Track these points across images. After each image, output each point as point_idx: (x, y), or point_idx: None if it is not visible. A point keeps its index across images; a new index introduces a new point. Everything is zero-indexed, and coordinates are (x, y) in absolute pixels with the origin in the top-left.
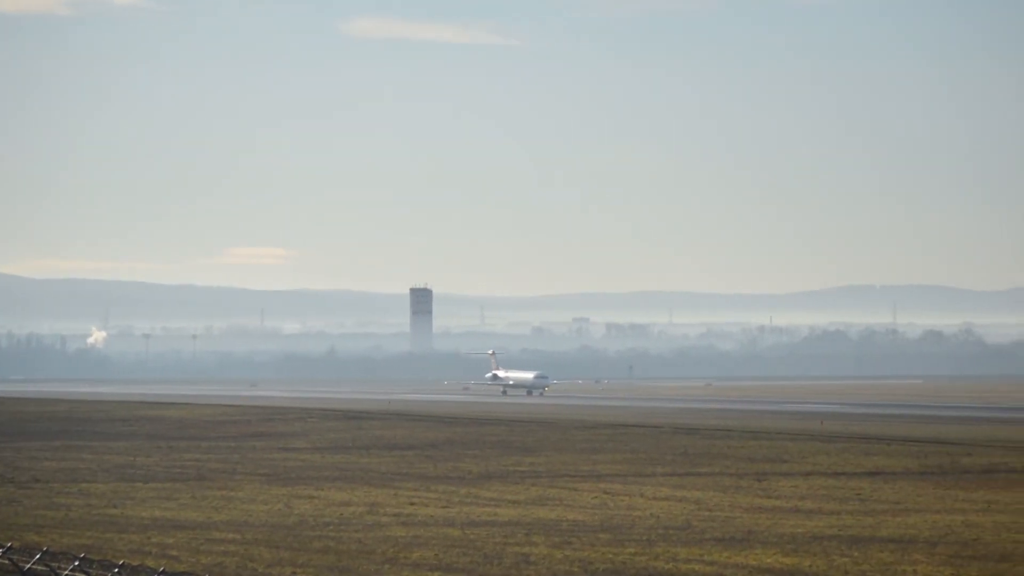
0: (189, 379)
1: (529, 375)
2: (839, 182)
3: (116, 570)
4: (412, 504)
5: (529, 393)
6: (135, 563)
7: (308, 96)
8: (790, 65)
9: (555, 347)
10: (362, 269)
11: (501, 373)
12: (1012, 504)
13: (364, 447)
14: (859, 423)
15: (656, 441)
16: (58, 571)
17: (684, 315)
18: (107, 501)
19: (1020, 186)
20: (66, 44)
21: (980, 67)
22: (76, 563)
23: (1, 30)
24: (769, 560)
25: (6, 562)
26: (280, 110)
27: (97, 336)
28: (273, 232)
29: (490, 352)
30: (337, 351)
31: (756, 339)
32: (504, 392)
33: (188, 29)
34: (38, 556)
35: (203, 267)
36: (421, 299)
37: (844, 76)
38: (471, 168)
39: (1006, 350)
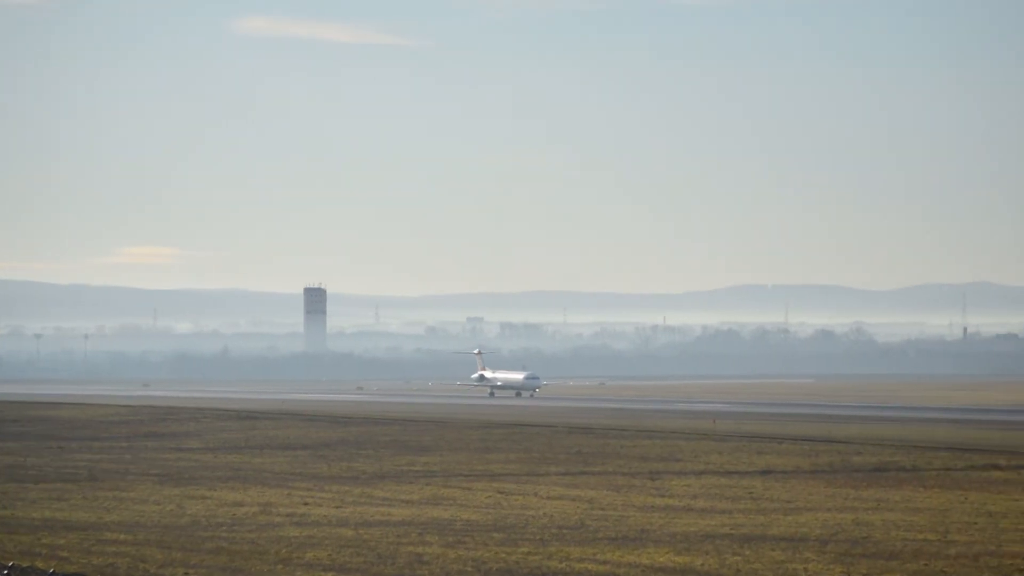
0: (81, 379)
1: (519, 376)
2: (731, 183)
3: (6, 572)
4: (305, 504)
5: (518, 395)
6: (25, 564)
7: (199, 95)
8: (680, 63)
9: (449, 346)
10: (255, 269)
11: (488, 374)
12: (901, 502)
13: (257, 447)
14: (751, 422)
15: (550, 440)
16: None
17: (578, 315)
18: None
19: (909, 187)
20: None
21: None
22: None
23: None
24: (662, 559)
25: None
26: (171, 109)
27: None
28: (166, 231)
29: (476, 352)
30: (230, 351)
31: (650, 338)
32: (492, 394)
33: (77, 26)
34: None
35: (95, 267)
36: (315, 299)
37: (734, 74)
38: (364, 167)
39: (896, 349)
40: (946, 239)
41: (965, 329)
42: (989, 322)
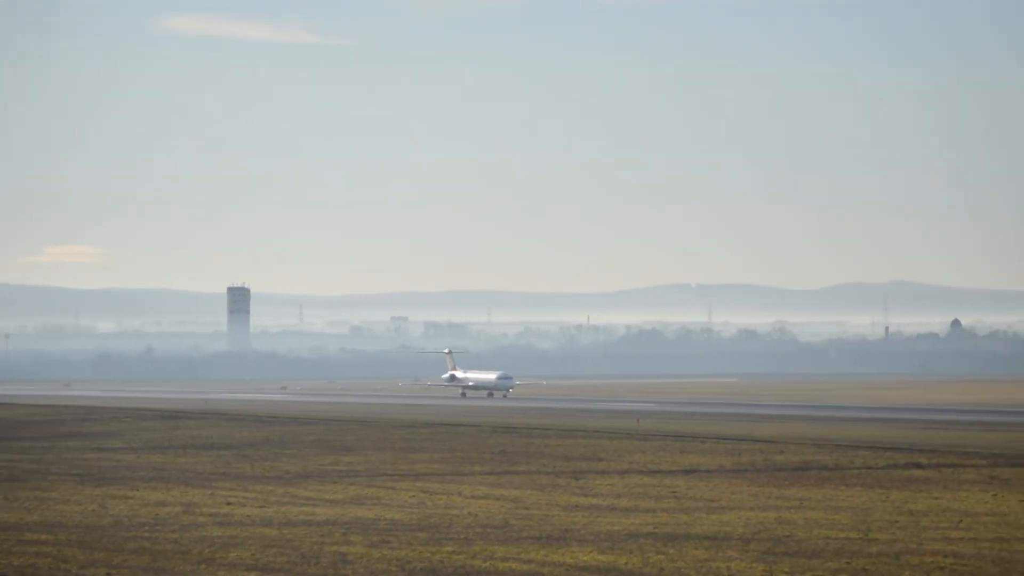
0: (1, 379)
1: (491, 376)
2: (654, 182)
3: None
4: (229, 504)
5: (490, 395)
6: None
7: (122, 93)
8: (599, 60)
9: (374, 346)
10: (179, 268)
11: (459, 373)
12: (824, 501)
13: (181, 447)
14: (675, 421)
15: (474, 440)
16: None
17: (503, 314)
18: None
19: (831, 188)
20: None
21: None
22: None
23: None
24: (586, 558)
25: None
26: (93, 107)
27: None
28: (89, 231)
29: (446, 351)
30: (154, 350)
31: (574, 338)
32: (463, 394)
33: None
34: None
35: (16, 265)
36: (238, 298)
37: (655, 72)
38: (288, 166)
39: (818, 348)
40: (867, 239)
41: (887, 328)
42: (910, 321)
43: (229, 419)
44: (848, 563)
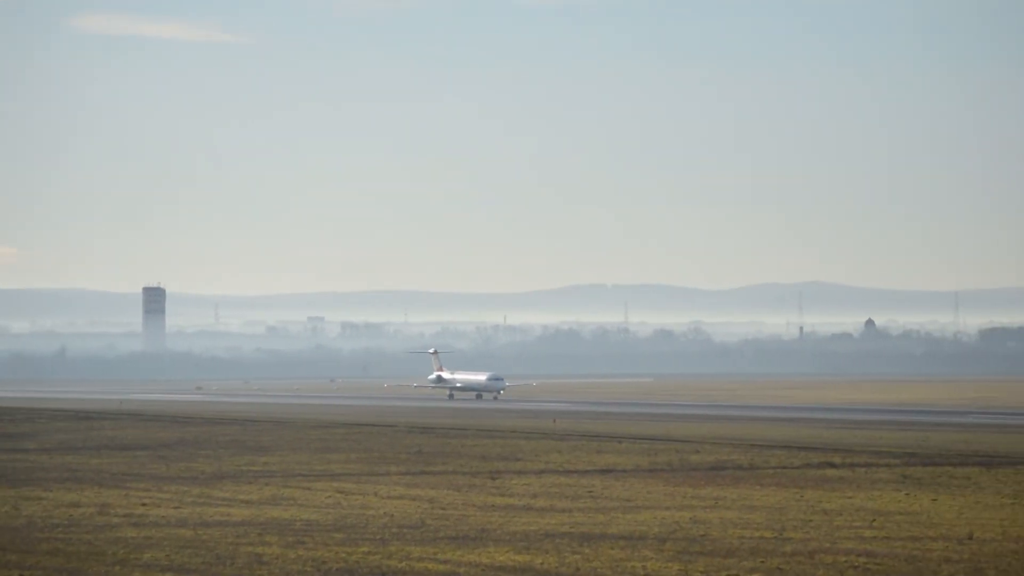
0: None
1: (481, 376)
2: (571, 183)
3: None
4: (144, 505)
5: (479, 397)
6: None
7: (37, 91)
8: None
9: (290, 346)
10: (94, 268)
11: (447, 374)
12: (738, 500)
13: (95, 448)
14: (591, 421)
15: (391, 440)
16: None
17: (419, 314)
18: None
19: (746, 188)
20: None
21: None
22: None
23: None
24: (502, 558)
25: None
26: (8, 106)
27: None
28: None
29: (431, 351)
30: (68, 351)
31: (490, 338)
32: (451, 396)
33: None
34: None
35: None
36: (154, 298)
37: (569, 74)
38: (204, 165)
39: (733, 348)
40: (782, 239)
41: (801, 328)
42: (824, 321)
43: (144, 420)
44: (763, 562)
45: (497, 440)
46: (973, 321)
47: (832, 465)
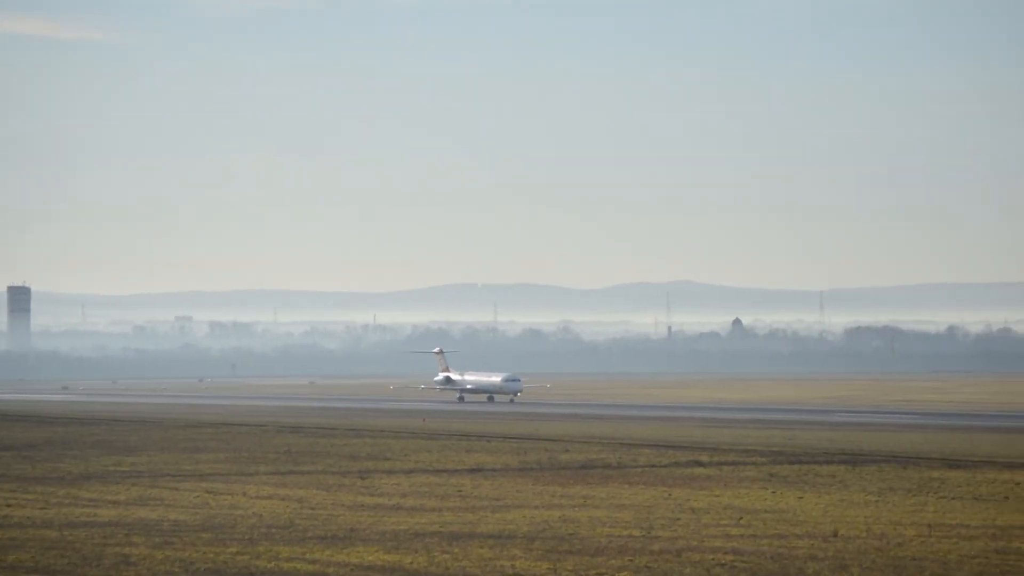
0: None
1: (495, 378)
2: (441, 183)
3: None
4: (8, 506)
5: (490, 399)
6: None
7: None
8: (395, 67)
9: (158, 345)
10: None
11: (456, 375)
12: (607, 499)
13: None
14: (460, 420)
15: (259, 439)
16: None
17: (288, 313)
18: None
19: (616, 188)
20: None
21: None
22: None
23: None
24: (371, 558)
25: None
26: None
27: None
28: None
29: (436, 350)
30: None
31: (360, 337)
32: (461, 399)
33: None
34: None
35: None
36: (19, 297)
37: (464, 78)
38: (70, 163)
39: (602, 347)
40: (651, 239)
41: (669, 327)
42: (692, 320)
43: (9, 420)
44: (631, 560)
45: (366, 440)
46: (838, 320)
47: (700, 464)
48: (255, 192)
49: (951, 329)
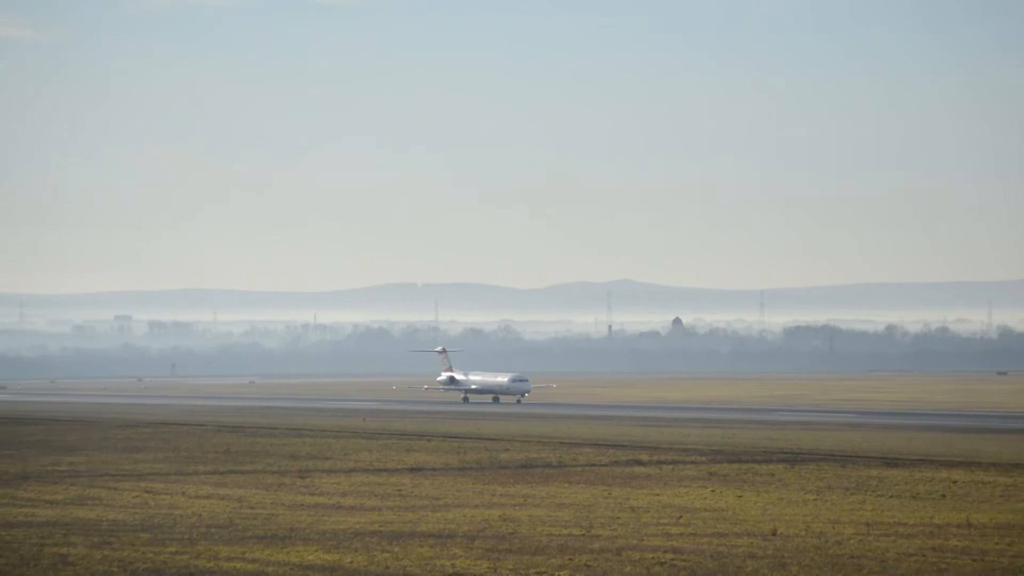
0: None
1: (502, 378)
2: (381, 182)
3: None
4: None
5: (495, 400)
6: None
7: None
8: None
9: (97, 345)
10: None
11: (460, 375)
12: (547, 498)
13: None
14: (400, 420)
15: (199, 439)
16: None
17: (228, 313)
18: None
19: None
20: None
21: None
22: None
23: None
24: (311, 557)
25: None
26: None
27: None
28: None
29: (439, 349)
30: None
31: (300, 337)
32: (465, 399)
33: None
34: None
35: None
36: None
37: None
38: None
39: (543, 346)
40: (592, 239)
41: (610, 327)
42: (633, 320)
43: None
44: (571, 559)
45: (307, 439)
46: (778, 320)
47: (640, 463)
48: (195, 191)
49: (889, 328)
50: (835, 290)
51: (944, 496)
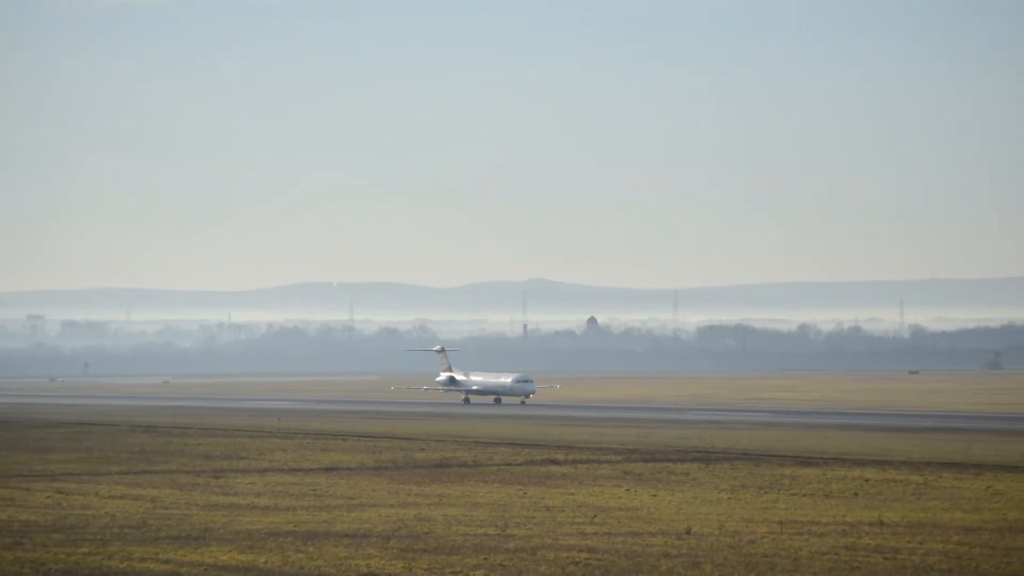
0: None
1: (506, 379)
2: (299, 180)
3: None
4: None
5: (497, 401)
6: None
7: None
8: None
9: (9, 344)
10: None
11: (460, 376)
12: (462, 497)
13: None
14: (317, 419)
15: (112, 439)
16: None
17: (142, 312)
18: None
19: (470, 186)
20: None
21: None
22: None
23: None
24: (225, 557)
25: None
26: None
27: None
28: None
29: (437, 348)
30: None
31: (215, 336)
32: (466, 400)
33: None
34: None
35: None
36: None
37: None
38: None
39: (457, 345)
40: (506, 238)
41: (525, 326)
42: (548, 319)
43: None
44: (486, 559)
45: (221, 439)
46: (692, 319)
47: (555, 462)
48: (109, 189)
49: (802, 328)
50: (749, 289)
51: (857, 494)
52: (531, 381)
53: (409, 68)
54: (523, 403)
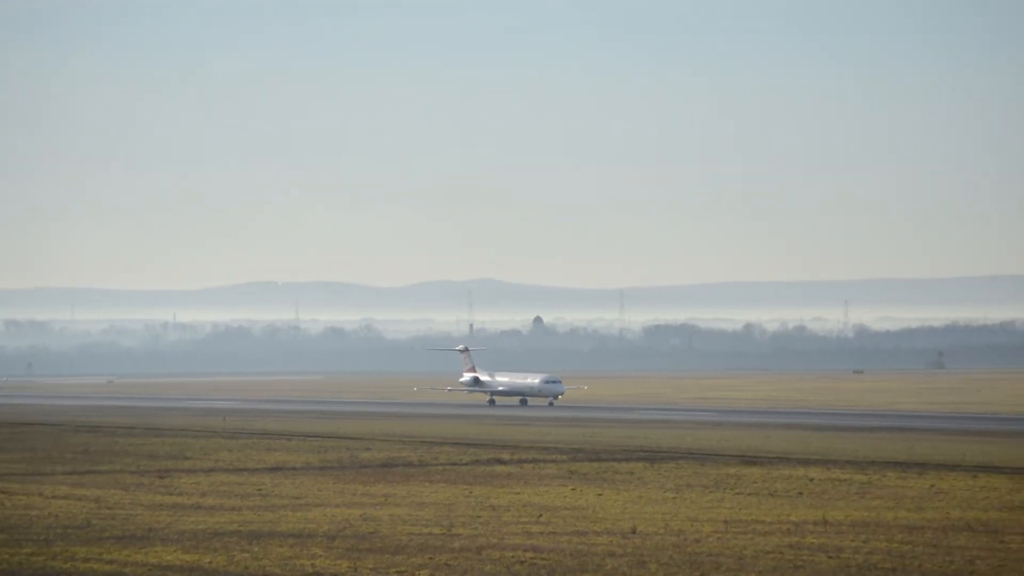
0: None
1: (533, 379)
2: (240, 180)
3: None
4: None
5: (523, 403)
6: None
7: None
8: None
9: None
10: None
11: (485, 376)
12: (408, 497)
13: None
14: (261, 419)
15: (56, 439)
16: None
17: (86, 312)
18: None
19: (416, 185)
20: None
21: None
22: None
23: None
24: (169, 557)
25: None
26: None
27: None
28: None
29: (460, 348)
30: None
31: (160, 336)
32: (492, 402)
33: None
34: None
35: None
36: None
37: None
38: None
39: (404, 345)
40: (453, 237)
41: (471, 325)
42: (494, 319)
43: None
44: (431, 558)
45: (166, 439)
46: (637, 319)
47: (501, 461)
48: (50, 186)
49: (747, 327)
50: (694, 289)
51: (801, 494)
52: (559, 383)
53: (351, 66)
54: (551, 404)
